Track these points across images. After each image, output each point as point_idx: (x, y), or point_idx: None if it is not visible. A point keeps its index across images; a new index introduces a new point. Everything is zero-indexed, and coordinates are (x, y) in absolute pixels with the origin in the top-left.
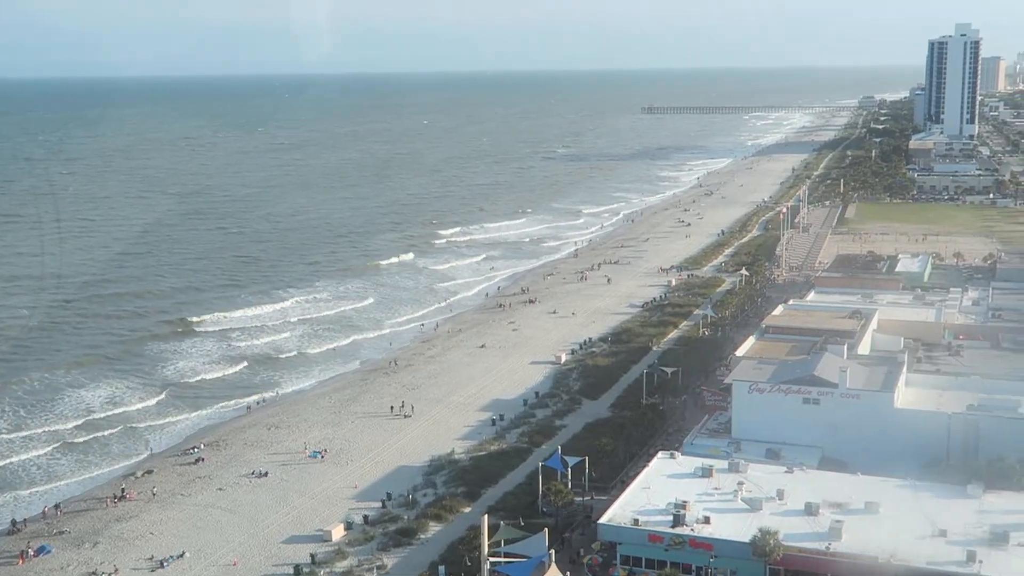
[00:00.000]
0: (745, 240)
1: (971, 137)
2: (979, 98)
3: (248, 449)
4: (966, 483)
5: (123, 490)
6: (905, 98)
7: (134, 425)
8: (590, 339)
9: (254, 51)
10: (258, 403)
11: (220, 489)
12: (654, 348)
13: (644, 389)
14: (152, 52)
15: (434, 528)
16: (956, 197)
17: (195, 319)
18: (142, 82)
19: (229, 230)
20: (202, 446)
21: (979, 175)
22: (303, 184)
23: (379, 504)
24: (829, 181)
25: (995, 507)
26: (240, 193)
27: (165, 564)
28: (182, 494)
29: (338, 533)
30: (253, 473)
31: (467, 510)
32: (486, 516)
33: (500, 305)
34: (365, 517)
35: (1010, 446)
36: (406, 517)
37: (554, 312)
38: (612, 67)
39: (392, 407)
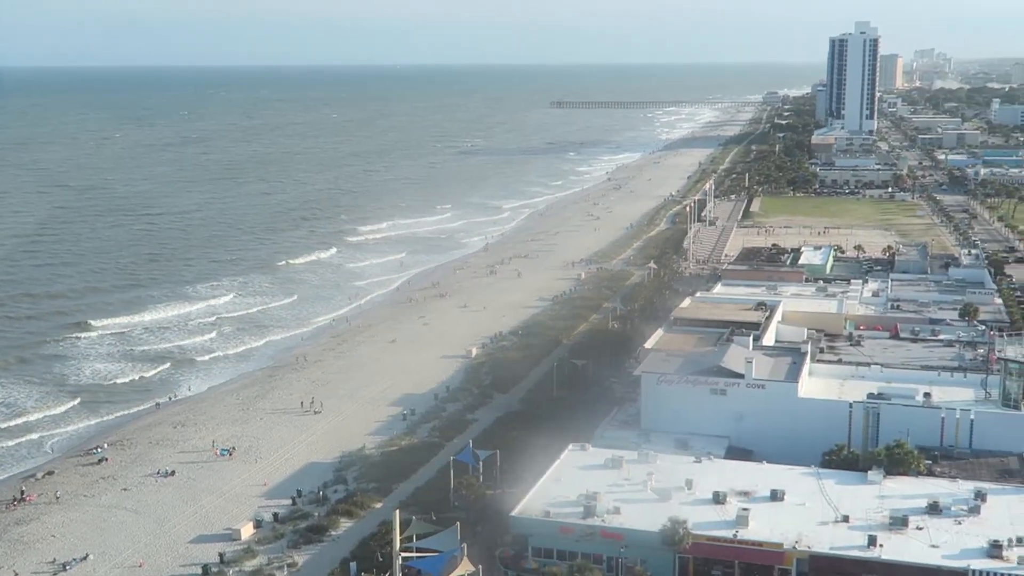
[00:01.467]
0: (653, 234)
1: (870, 133)
2: (878, 94)
3: (154, 448)
4: (867, 469)
5: (22, 492)
6: (807, 94)
7: (33, 427)
8: (501, 333)
9: (161, 42)
10: (170, 400)
11: (125, 489)
12: (564, 341)
13: (555, 382)
14: (52, 42)
15: (345, 524)
16: (856, 191)
17: (95, 320)
18: (40, 73)
19: (131, 227)
20: (105, 446)
21: (878, 169)
22: (208, 178)
23: (289, 501)
24: (735, 175)
25: (895, 492)
26: (141, 188)
27: (68, 567)
28: (85, 495)
29: (247, 531)
30: (159, 472)
31: (379, 506)
32: (398, 511)
33: (410, 300)
34: (275, 515)
35: (908, 432)
36: (317, 514)
37: (465, 306)
38: (520, 61)
39: (302, 403)
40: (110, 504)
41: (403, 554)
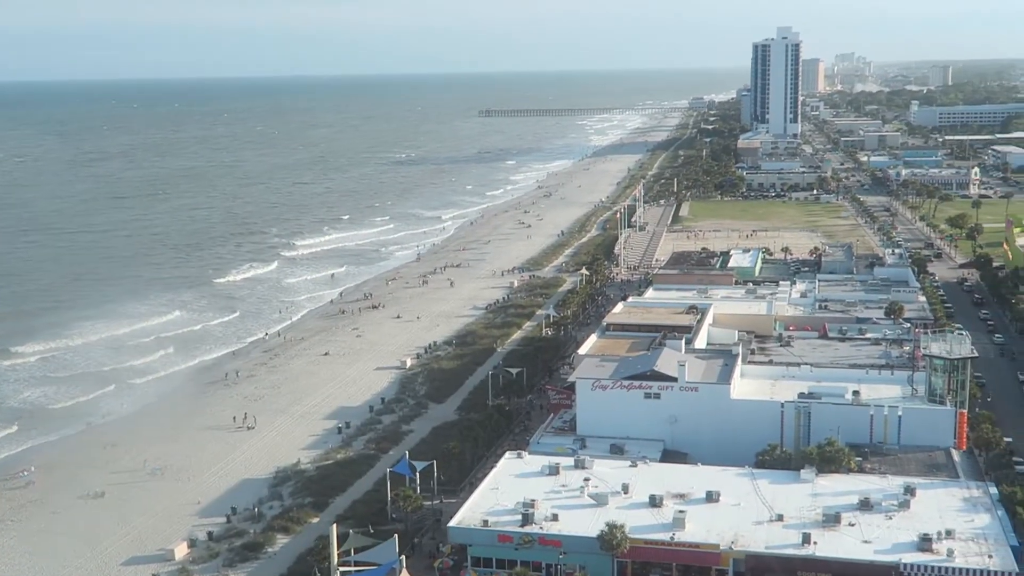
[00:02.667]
0: (584, 240)
1: (795, 136)
2: (801, 98)
3: (83, 469)
4: (800, 468)
5: None
6: (733, 99)
7: None
8: (435, 343)
9: (85, 55)
10: (102, 418)
11: (54, 513)
12: (498, 349)
13: (490, 390)
14: None
15: (281, 541)
16: (782, 194)
17: (17, 347)
18: None
19: (53, 245)
20: (32, 469)
21: (803, 172)
22: (132, 194)
23: (224, 519)
24: (663, 180)
25: (827, 490)
26: (62, 204)
27: None
28: (12, 520)
29: (181, 551)
30: (89, 494)
31: (315, 520)
32: (335, 525)
33: (343, 311)
34: (209, 533)
35: (839, 430)
36: (252, 531)
37: (398, 317)
38: (445, 70)
39: (235, 419)
40: (38, 528)
41: (341, 568)
